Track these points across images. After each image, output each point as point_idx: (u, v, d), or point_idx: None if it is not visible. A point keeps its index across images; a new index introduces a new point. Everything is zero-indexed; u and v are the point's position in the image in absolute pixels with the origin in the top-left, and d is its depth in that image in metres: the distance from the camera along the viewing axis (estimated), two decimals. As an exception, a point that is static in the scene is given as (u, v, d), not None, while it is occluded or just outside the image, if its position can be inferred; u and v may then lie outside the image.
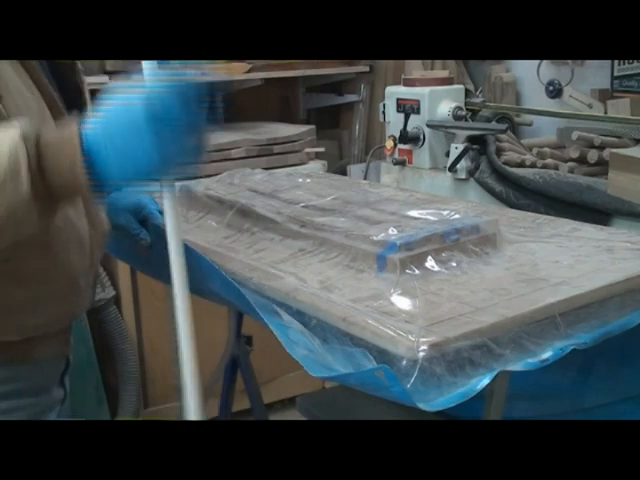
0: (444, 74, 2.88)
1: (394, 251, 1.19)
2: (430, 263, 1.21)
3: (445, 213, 1.37)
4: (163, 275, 1.42)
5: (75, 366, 1.27)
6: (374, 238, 1.24)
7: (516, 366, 0.95)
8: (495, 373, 0.93)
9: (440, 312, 1.04)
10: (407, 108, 2.72)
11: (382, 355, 0.97)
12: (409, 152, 2.77)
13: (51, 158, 0.84)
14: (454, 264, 1.22)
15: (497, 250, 1.29)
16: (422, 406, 0.86)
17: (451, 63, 3.20)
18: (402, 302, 1.09)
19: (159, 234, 1.24)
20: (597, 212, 2.13)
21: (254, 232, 1.46)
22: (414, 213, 1.39)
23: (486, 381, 0.91)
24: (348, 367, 0.97)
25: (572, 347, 0.99)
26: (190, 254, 1.19)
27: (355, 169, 3.32)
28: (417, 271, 1.18)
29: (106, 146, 0.84)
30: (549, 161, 2.44)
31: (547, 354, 0.97)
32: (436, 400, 0.88)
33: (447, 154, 2.60)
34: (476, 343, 0.95)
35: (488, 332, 0.97)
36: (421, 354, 0.92)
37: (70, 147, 0.84)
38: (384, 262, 1.19)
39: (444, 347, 0.94)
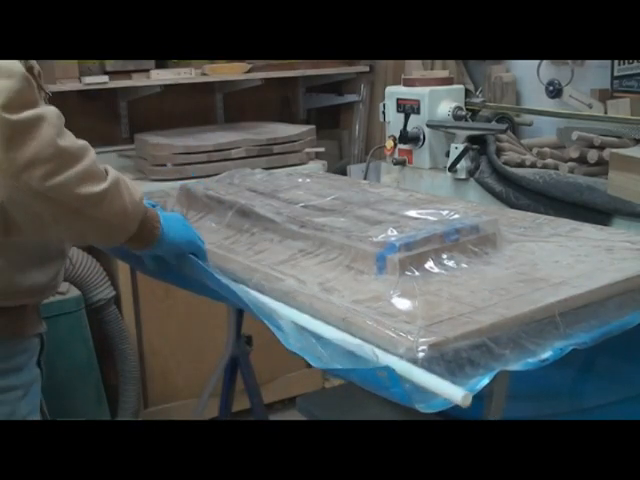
0: (444, 74, 2.88)
1: (394, 251, 1.19)
2: (430, 263, 1.21)
3: (445, 213, 1.37)
4: (163, 276, 1.42)
5: (75, 366, 1.29)
6: (374, 238, 1.24)
7: (516, 366, 0.95)
8: (494, 373, 0.93)
9: (439, 312, 1.04)
10: (407, 108, 2.72)
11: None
12: (409, 152, 2.77)
13: (147, 215, 1.19)
14: (454, 264, 1.22)
15: (497, 250, 1.29)
16: (420, 408, 0.86)
17: (451, 63, 3.20)
18: (402, 302, 1.09)
19: None
20: (597, 212, 2.13)
21: (254, 233, 1.46)
22: (414, 213, 1.39)
23: (485, 381, 0.91)
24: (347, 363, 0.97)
25: (572, 347, 0.99)
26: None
27: (355, 169, 3.32)
28: (417, 271, 1.18)
29: (167, 224, 1.23)
30: (549, 161, 2.44)
31: (547, 354, 0.97)
32: (435, 400, 0.88)
33: (447, 154, 2.60)
34: (475, 343, 0.95)
35: (487, 332, 0.97)
36: (420, 354, 0.92)
37: (155, 217, 1.22)
38: (384, 263, 1.19)
39: (443, 347, 0.93)
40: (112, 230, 1.12)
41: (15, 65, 0.97)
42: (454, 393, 0.86)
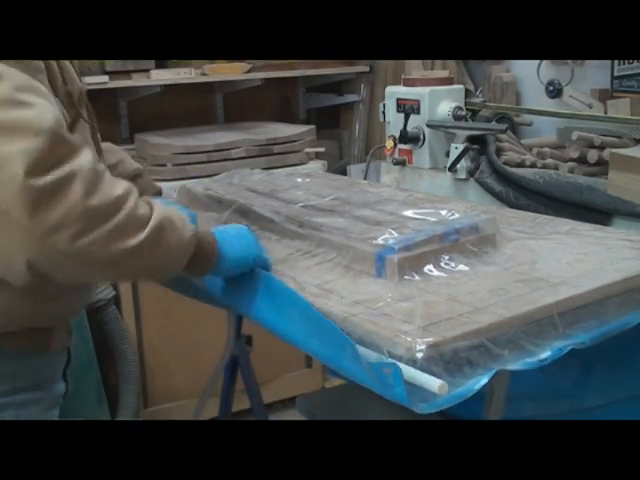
0: (444, 74, 2.88)
1: (393, 252, 1.18)
2: (429, 264, 1.21)
3: (444, 213, 1.36)
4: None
5: (75, 366, 1.28)
6: (373, 239, 1.23)
7: (515, 366, 0.95)
8: (493, 373, 0.93)
9: (439, 312, 1.04)
10: (407, 108, 2.72)
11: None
12: (409, 152, 2.77)
13: (200, 245, 1.13)
14: (453, 265, 1.22)
15: (496, 250, 1.29)
16: (418, 409, 0.86)
17: (451, 63, 3.20)
18: (401, 303, 1.09)
19: None
20: (597, 212, 2.13)
21: (252, 231, 1.46)
22: (413, 213, 1.39)
23: (484, 381, 0.91)
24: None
25: (571, 347, 0.99)
26: None
27: (355, 169, 3.32)
28: (416, 272, 1.18)
29: (225, 244, 1.17)
30: (549, 161, 2.44)
31: (546, 354, 0.97)
32: (434, 400, 0.88)
33: (447, 154, 2.60)
34: (474, 343, 0.95)
35: (486, 332, 0.97)
36: (419, 354, 0.92)
37: (210, 242, 1.15)
38: (383, 263, 1.19)
39: (442, 347, 0.93)
40: (156, 272, 1.09)
41: (44, 120, 0.94)
42: (431, 383, 0.88)
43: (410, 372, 0.90)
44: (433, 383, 0.88)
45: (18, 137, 0.92)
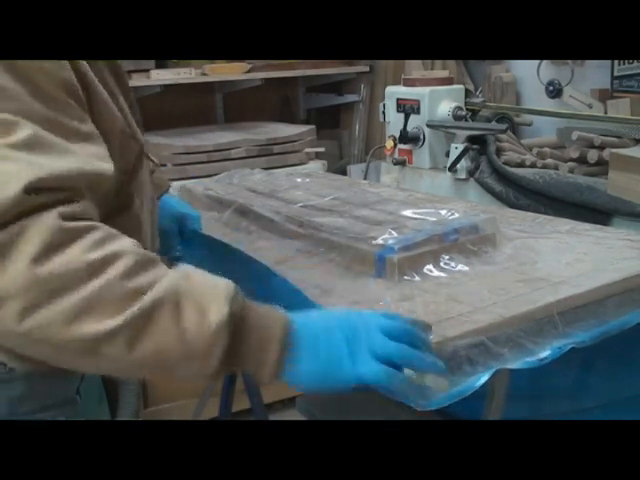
0: (444, 74, 2.88)
1: (393, 252, 1.19)
2: (429, 264, 1.21)
3: (444, 213, 1.36)
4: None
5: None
6: (373, 239, 1.23)
7: (515, 364, 0.95)
8: (493, 370, 0.93)
9: (438, 312, 1.04)
10: (407, 108, 2.72)
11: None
12: (409, 152, 2.77)
13: (250, 347, 0.80)
14: (453, 265, 1.22)
15: (496, 249, 1.29)
16: (418, 406, 0.86)
17: (451, 63, 3.20)
18: (401, 303, 1.09)
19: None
20: (597, 212, 2.13)
21: (251, 231, 1.46)
22: (413, 213, 1.39)
23: (485, 378, 0.91)
24: None
25: (571, 346, 0.99)
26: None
27: (355, 169, 3.32)
28: (416, 272, 1.18)
29: (307, 351, 0.82)
30: (549, 161, 2.44)
31: (545, 353, 0.97)
32: (434, 397, 0.88)
33: (447, 154, 2.60)
34: (474, 342, 0.95)
35: (486, 332, 0.97)
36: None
37: (274, 345, 0.81)
38: (383, 264, 1.19)
39: (442, 347, 0.93)
40: (165, 373, 0.80)
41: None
42: (431, 381, 0.88)
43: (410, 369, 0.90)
44: (433, 380, 0.88)
45: None
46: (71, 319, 0.74)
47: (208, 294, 0.79)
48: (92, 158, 0.83)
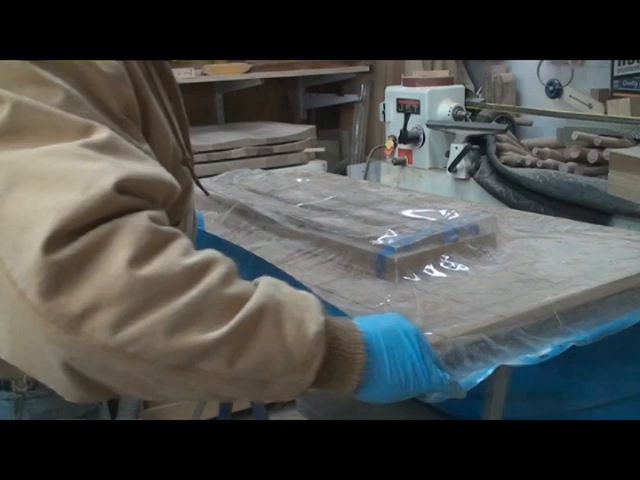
0: (444, 74, 2.88)
1: (393, 252, 1.19)
2: (429, 264, 1.21)
3: (443, 213, 1.37)
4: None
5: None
6: (373, 239, 1.23)
7: (515, 361, 0.95)
8: (496, 366, 0.92)
9: (438, 312, 1.04)
10: (407, 108, 2.72)
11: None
12: (409, 152, 2.77)
13: (337, 361, 0.76)
14: (453, 265, 1.22)
15: (496, 249, 1.29)
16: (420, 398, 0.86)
17: (451, 63, 3.20)
18: (401, 303, 1.09)
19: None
20: (597, 212, 2.13)
21: (251, 231, 1.46)
22: (413, 213, 1.39)
23: (488, 373, 0.91)
24: None
25: (571, 344, 0.99)
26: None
27: (355, 169, 3.32)
28: (416, 272, 1.18)
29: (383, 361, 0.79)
30: (549, 161, 2.45)
31: (546, 350, 0.97)
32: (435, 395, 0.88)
33: (447, 154, 2.61)
34: (474, 339, 0.95)
35: (486, 332, 0.97)
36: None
37: (359, 363, 0.77)
38: (383, 263, 1.19)
39: (442, 347, 0.93)
40: (259, 388, 0.72)
41: (106, 175, 0.67)
42: None
43: None
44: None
45: (62, 191, 0.65)
46: (173, 329, 0.65)
47: (301, 302, 0.75)
48: (163, 169, 0.77)
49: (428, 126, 2.68)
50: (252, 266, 1.23)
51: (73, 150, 0.68)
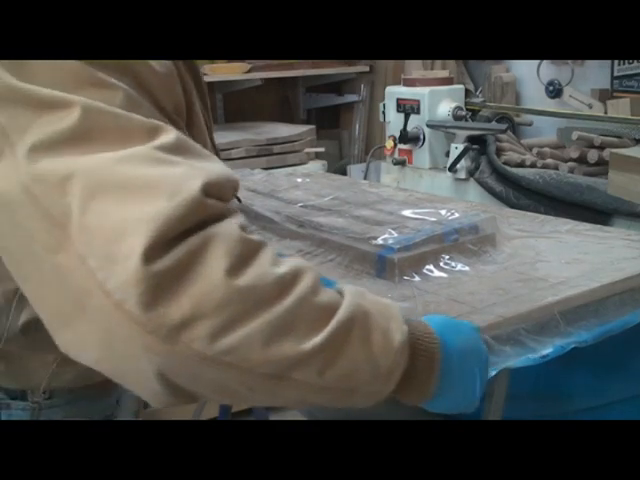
0: (444, 74, 2.88)
1: (393, 252, 1.19)
2: (429, 264, 1.21)
3: (443, 212, 1.37)
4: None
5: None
6: (373, 239, 1.24)
7: (517, 362, 0.95)
8: (498, 367, 0.92)
9: (438, 312, 1.04)
10: (407, 108, 2.72)
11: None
12: (409, 152, 2.77)
13: (417, 371, 0.77)
14: (453, 265, 1.22)
15: (496, 249, 1.29)
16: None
17: (451, 63, 3.21)
18: (401, 303, 1.09)
19: None
20: (597, 212, 2.13)
21: (251, 231, 1.46)
22: (413, 213, 1.39)
23: (492, 373, 0.91)
24: None
25: (573, 345, 0.99)
26: None
27: (355, 169, 3.32)
28: (416, 272, 1.18)
29: (451, 383, 0.80)
30: (549, 161, 2.45)
31: (547, 350, 0.97)
32: None
33: (447, 154, 2.61)
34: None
35: (486, 332, 0.97)
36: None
37: (435, 374, 0.78)
38: (383, 263, 1.19)
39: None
40: (345, 396, 0.73)
41: (190, 180, 0.66)
42: None
43: None
44: None
45: (148, 199, 0.64)
46: (270, 338, 0.65)
47: (386, 311, 0.75)
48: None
49: (428, 126, 2.68)
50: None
51: (149, 154, 0.67)
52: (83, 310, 0.65)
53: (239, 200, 1.16)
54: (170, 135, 0.71)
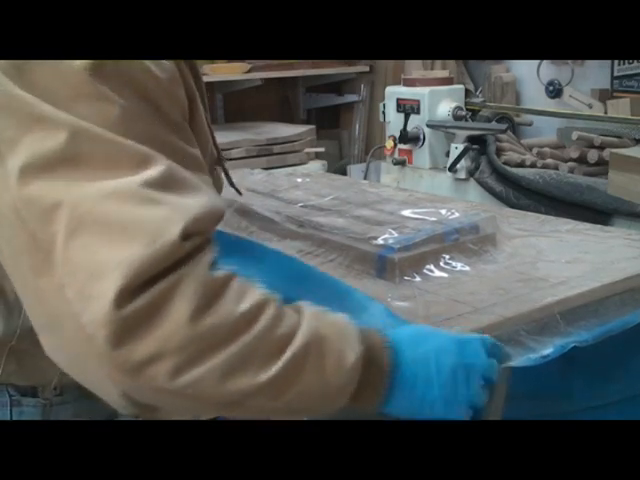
0: (444, 74, 2.88)
1: (393, 252, 1.19)
2: (429, 264, 1.21)
3: (444, 212, 1.37)
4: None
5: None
6: (373, 239, 1.23)
7: (518, 361, 0.95)
8: (499, 367, 0.92)
9: (438, 312, 1.04)
10: (407, 108, 2.72)
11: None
12: (409, 152, 2.77)
13: (369, 382, 0.80)
14: (453, 264, 1.22)
15: (496, 249, 1.29)
16: None
17: (451, 63, 3.21)
18: (401, 303, 1.09)
19: None
20: (597, 212, 2.13)
21: (252, 231, 1.46)
22: (413, 213, 1.39)
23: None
24: None
25: (573, 344, 0.99)
26: None
27: (355, 169, 3.32)
28: (416, 272, 1.18)
29: (404, 391, 0.82)
30: (549, 161, 2.45)
31: (548, 350, 0.97)
32: None
33: (447, 154, 2.61)
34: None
35: (486, 332, 0.97)
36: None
37: (384, 382, 0.81)
38: (383, 263, 1.19)
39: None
40: (298, 414, 0.81)
41: (170, 225, 0.68)
42: None
43: None
44: None
45: (127, 243, 0.67)
46: (226, 375, 0.70)
47: (341, 332, 0.78)
48: (213, 191, 0.78)
49: (428, 126, 2.67)
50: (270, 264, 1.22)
51: (135, 192, 0.69)
52: (59, 329, 0.70)
53: (240, 193, 1.16)
54: (158, 167, 0.71)
